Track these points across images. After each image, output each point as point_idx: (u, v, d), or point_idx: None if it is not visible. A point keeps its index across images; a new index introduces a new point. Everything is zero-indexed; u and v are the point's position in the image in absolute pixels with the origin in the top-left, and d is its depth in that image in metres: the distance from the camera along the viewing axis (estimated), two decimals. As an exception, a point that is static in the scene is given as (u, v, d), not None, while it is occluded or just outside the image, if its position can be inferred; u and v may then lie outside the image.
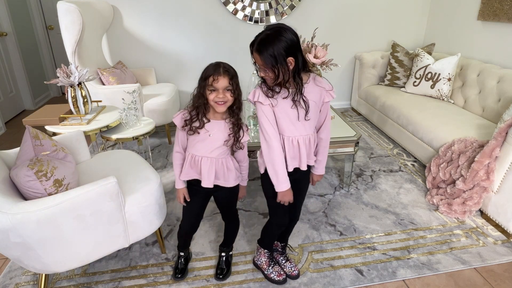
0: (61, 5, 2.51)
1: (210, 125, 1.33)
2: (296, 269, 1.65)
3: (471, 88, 2.85)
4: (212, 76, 1.23)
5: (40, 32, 4.29)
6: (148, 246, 1.84)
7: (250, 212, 2.12)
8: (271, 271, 1.62)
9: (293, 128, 1.28)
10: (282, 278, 1.60)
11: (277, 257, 1.70)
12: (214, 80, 1.23)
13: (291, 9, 3.44)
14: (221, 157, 1.38)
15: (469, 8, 3.12)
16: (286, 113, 1.26)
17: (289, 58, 1.16)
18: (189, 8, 3.31)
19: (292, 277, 1.63)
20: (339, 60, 3.72)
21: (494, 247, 1.84)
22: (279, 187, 1.32)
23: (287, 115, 1.26)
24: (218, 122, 1.34)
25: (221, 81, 1.24)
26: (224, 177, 1.42)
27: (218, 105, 1.27)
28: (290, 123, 1.28)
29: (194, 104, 1.31)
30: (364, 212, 2.13)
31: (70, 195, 1.28)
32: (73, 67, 2.09)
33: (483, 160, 1.93)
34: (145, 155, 2.67)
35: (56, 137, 1.79)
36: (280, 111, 1.26)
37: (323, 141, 1.40)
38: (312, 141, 1.36)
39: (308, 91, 1.26)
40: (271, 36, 1.14)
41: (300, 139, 1.31)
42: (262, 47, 1.15)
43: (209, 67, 1.27)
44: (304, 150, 1.33)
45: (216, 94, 1.25)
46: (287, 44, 1.14)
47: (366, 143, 3.09)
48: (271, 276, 1.61)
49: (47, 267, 1.37)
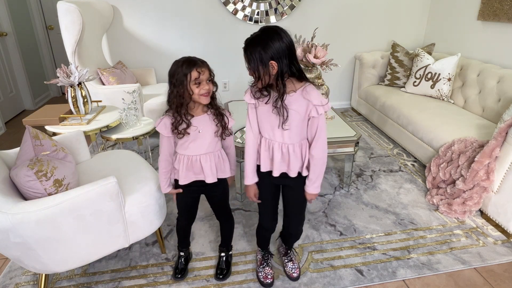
0: (61, 5, 2.51)
1: (196, 122, 1.33)
2: (297, 271, 1.64)
3: (471, 88, 2.85)
4: (196, 70, 1.23)
5: (40, 32, 4.29)
6: (148, 246, 1.84)
7: (250, 212, 2.12)
8: (260, 271, 1.63)
9: (271, 133, 1.29)
10: (266, 281, 1.59)
11: (281, 257, 1.72)
12: (199, 73, 1.24)
13: (291, 9, 3.44)
14: (216, 150, 1.41)
15: (469, 8, 3.12)
16: (267, 116, 1.27)
17: (272, 62, 1.13)
18: (189, 8, 3.31)
19: (291, 278, 1.63)
20: (339, 60, 3.72)
21: (494, 247, 1.84)
22: (245, 181, 1.40)
23: (268, 118, 1.27)
24: (203, 116, 1.34)
25: (203, 73, 1.25)
26: (221, 168, 1.44)
27: (204, 97, 1.27)
28: (269, 126, 1.28)
29: (174, 106, 1.29)
30: (364, 212, 2.13)
31: (70, 195, 1.28)
32: (73, 67, 2.09)
33: (483, 160, 1.93)
34: (145, 155, 2.67)
35: (56, 137, 1.79)
36: (262, 112, 1.28)
37: (314, 159, 1.29)
38: (297, 152, 1.29)
39: (292, 101, 1.21)
40: (258, 37, 1.15)
41: (276, 145, 1.29)
42: (247, 47, 1.17)
43: (183, 64, 1.24)
44: (279, 156, 1.29)
45: (202, 86, 1.26)
46: (272, 48, 1.12)
47: (366, 143, 3.09)
48: (258, 275, 1.63)
49: (47, 267, 1.37)
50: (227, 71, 3.62)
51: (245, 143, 1.36)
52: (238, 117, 2.44)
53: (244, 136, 2.11)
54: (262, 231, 1.60)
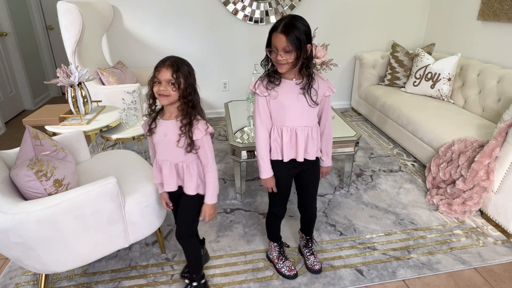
0: (61, 5, 2.51)
1: (164, 125, 1.29)
2: (318, 264, 1.66)
3: (471, 88, 2.85)
4: (158, 68, 1.23)
5: (40, 32, 4.29)
6: (148, 246, 1.84)
7: (250, 212, 2.12)
8: (282, 266, 1.65)
9: (296, 119, 1.34)
10: (292, 273, 1.63)
11: (303, 249, 1.74)
12: (157, 71, 1.22)
13: (291, 9, 3.44)
14: (180, 161, 1.30)
15: (469, 8, 3.12)
16: (292, 102, 1.31)
17: (308, 44, 1.23)
18: (189, 8, 3.31)
19: (312, 271, 1.66)
20: (339, 60, 3.72)
21: (494, 247, 1.84)
22: (262, 175, 1.42)
23: (292, 106, 1.32)
24: (170, 122, 1.28)
25: (163, 73, 1.21)
26: (184, 182, 1.34)
27: (161, 98, 1.24)
28: (294, 113, 1.33)
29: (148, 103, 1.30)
30: (364, 212, 2.13)
31: (70, 195, 1.28)
32: (73, 67, 2.09)
33: (483, 160, 1.93)
34: (145, 155, 2.67)
35: (56, 137, 1.79)
36: (284, 101, 1.31)
37: (328, 135, 1.47)
38: (315, 134, 1.40)
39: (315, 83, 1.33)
40: (296, 20, 1.21)
41: (299, 130, 1.35)
42: (289, 29, 1.19)
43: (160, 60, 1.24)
44: (303, 141, 1.37)
45: (159, 86, 1.22)
46: (307, 31, 1.22)
47: (366, 143, 3.09)
48: (282, 270, 1.65)
49: (47, 267, 1.37)
50: (227, 71, 3.61)
51: (256, 138, 1.38)
52: (238, 117, 2.44)
53: (244, 136, 2.12)
54: (275, 220, 1.64)
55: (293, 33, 1.19)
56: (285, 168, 1.42)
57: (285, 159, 1.39)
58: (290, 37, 1.19)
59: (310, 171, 1.49)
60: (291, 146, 1.38)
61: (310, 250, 1.71)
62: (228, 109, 2.58)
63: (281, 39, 1.20)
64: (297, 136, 1.36)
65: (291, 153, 1.39)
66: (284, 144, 1.37)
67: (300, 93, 1.31)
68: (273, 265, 1.70)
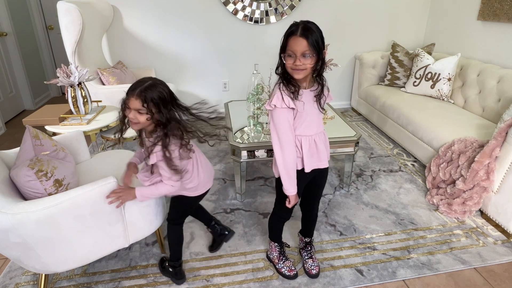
0: (61, 5, 2.51)
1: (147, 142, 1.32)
2: (316, 269, 1.65)
3: (471, 88, 2.85)
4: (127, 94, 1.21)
5: (40, 32, 4.29)
6: (148, 246, 1.84)
7: (250, 212, 2.12)
8: (282, 266, 1.65)
9: (313, 126, 1.34)
10: (292, 273, 1.63)
11: (301, 252, 1.74)
12: (127, 98, 1.20)
13: (291, 9, 3.44)
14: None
15: (469, 8, 3.12)
16: (312, 110, 1.32)
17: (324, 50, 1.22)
18: (189, 8, 3.31)
19: (310, 275, 1.64)
20: (339, 60, 3.73)
21: (494, 247, 1.84)
22: (290, 191, 1.36)
23: (313, 112, 1.32)
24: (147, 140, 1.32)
25: (132, 102, 1.19)
26: None
27: (131, 124, 1.25)
28: (312, 121, 1.33)
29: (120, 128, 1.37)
30: (364, 212, 2.13)
31: (70, 195, 1.28)
32: (73, 67, 2.09)
33: (483, 160, 1.93)
34: (145, 155, 2.67)
35: (56, 137, 1.79)
36: (306, 111, 1.30)
37: None
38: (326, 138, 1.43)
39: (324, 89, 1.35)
40: (312, 25, 1.19)
41: (316, 137, 1.37)
42: (308, 32, 1.17)
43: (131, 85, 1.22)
44: (323, 147, 1.39)
45: (129, 112, 1.21)
46: (322, 35, 1.20)
47: (366, 143, 3.09)
48: (282, 270, 1.65)
49: (47, 267, 1.37)
50: (227, 71, 3.61)
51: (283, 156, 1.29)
52: (238, 117, 2.44)
53: (244, 136, 2.12)
54: (280, 223, 1.64)
55: (313, 37, 1.16)
56: (304, 177, 1.40)
57: (307, 169, 1.36)
58: (310, 40, 1.16)
59: (323, 176, 1.51)
60: (311, 155, 1.37)
61: (309, 253, 1.70)
62: (228, 109, 2.58)
63: (302, 42, 1.16)
64: (316, 143, 1.36)
65: (313, 162, 1.38)
66: (304, 153, 1.34)
67: (314, 100, 1.31)
68: (273, 265, 1.70)
